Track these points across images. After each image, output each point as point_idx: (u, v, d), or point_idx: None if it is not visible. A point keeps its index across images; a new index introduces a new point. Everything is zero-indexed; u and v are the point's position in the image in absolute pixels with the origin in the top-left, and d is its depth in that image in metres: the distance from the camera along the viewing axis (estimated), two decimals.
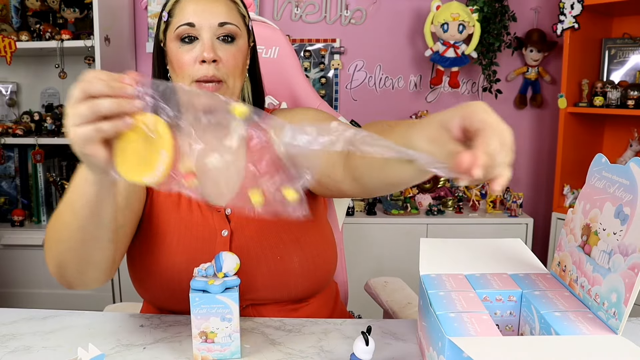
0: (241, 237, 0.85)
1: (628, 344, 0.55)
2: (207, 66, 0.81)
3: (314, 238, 0.89)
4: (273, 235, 0.85)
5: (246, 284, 0.82)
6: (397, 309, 1.05)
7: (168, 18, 0.85)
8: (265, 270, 0.84)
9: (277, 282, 0.85)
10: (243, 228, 0.85)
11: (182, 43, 0.83)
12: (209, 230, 0.85)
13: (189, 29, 0.82)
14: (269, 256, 0.84)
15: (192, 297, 0.68)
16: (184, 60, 0.82)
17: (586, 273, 0.65)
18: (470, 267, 0.75)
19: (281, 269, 0.84)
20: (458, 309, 0.62)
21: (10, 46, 2.07)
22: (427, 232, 2.19)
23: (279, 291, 0.85)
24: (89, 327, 0.81)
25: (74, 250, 0.72)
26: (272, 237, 0.85)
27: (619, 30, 2.25)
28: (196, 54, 0.81)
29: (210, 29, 0.82)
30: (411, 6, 2.40)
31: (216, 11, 0.82)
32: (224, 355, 0.70)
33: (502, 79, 2.42)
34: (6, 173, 2.32)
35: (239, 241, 0.84)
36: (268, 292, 0.85)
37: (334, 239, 0.96)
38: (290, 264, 0.85)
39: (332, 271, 0.93)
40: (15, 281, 2.26)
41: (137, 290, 0.90)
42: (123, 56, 2.34)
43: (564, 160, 2.19)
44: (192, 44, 0.82)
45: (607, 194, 0.64)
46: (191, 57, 0.82)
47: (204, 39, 0.82)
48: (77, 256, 0.72)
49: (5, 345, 0.75)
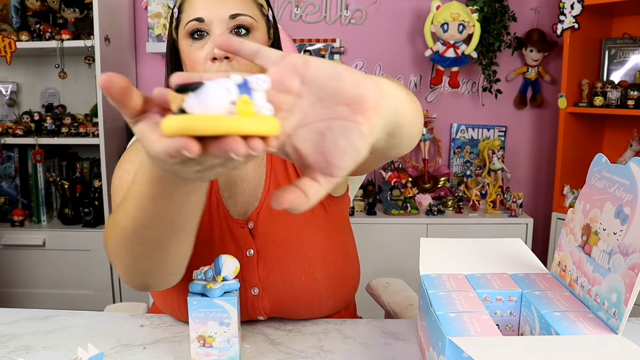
0: (266, 256, 0.82)
1: (628, 344, 0.55)
2: (220, 64, 0.74)
3: (338, 256, 0.86)
4: (298, 253, 0.82)
5: (272, 301, 0.81)
6: (398, 310, 1.05)
7: (178, 14, 0.80)
8: (290, 290, 0.81)
9: (302, 302, 0.82)
10: (268, 246, 0.82)
11: (192, 40, 0.77)
12: (233, 251, 0.81)
13: (199, 24, 0.76)
14: (294, 275, 0.81)
15: (190, 301, 0.67)
16: (195, 58, 0.76)
17: (586, 273, 0.65)
18: (471, 267, 0.75)
19: (307, 288, 0.82)
20: (458, 309, 0.62)
21: (10, 46, 2.07)
22: (427, 232, 2.19)
23: (304, 310, 0.83)
24: (88, 327, 0.81)
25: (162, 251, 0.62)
26: (297, 256, 0.82)
27: (619, 30, 2.25)
28: (207, 51, 0.76)
29: (221, 22, 0.75)
30: (411, 6, 2.40)
31: (227, 2, 0.76)
32: None
33: (502, 79, 2.42)
34: (6, 173, 2.32)
35: (265, 261, 0.82)
36: (293, 311, 0.83)
37: (356, 252, 0.93)
38: (314, 283, 0.82)
39: (355, 288, 0.91)
40: (15, 281, 2.25)
41: (155, 298, 0.87)
42: (123, 56, 2.34)
43: (564, 160, 2.19)
44: (202, 40, 0.76)
45: (607, 194, 0.64)
46: (202, 55, 0.76)
47: (214, 34, 0.76)
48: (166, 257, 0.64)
49: (5, 345, 0.75)
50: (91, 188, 2.31)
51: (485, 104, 2.48)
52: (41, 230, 2.24)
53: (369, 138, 0.40)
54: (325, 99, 0.40)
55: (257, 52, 0.42)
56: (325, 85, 0.39)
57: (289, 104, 0.41)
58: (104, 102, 2.13)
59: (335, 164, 0.40)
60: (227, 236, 0.82)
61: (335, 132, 0.39)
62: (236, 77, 0.37)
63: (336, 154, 0.39)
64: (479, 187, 2.35)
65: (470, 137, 2.50)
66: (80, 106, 2.44)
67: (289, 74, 0.40)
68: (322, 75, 0.39)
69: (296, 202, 0.39)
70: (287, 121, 0.41)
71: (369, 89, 0.39)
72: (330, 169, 0.40)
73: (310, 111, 0.40)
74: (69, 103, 2.45)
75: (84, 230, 2.22)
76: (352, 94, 0.39)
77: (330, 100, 0.39)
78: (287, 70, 0.40)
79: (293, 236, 0.82)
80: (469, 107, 2.49)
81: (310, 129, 0.40)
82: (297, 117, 0.41)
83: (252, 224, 0.82)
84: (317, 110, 0.40)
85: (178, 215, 0.54)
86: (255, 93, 0.37)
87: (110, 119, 2.21)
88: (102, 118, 2.13)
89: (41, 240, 2.21)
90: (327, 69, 0.39)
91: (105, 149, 2.16)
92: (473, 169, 2.43)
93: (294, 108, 0.41)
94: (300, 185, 0.40)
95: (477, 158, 2.48)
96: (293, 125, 0.41)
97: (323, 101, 0.40)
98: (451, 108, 2.48)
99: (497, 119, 2.49)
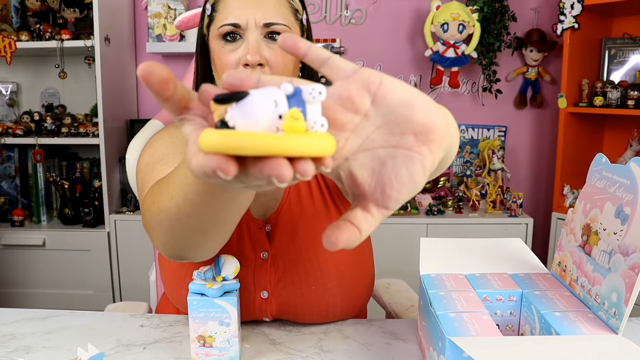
0: (279, 261, 0.81)
1: (628, 344, 0.55)
2: (252, 69, 0.73)
3: (352, 267, 0.84)
4: (311, 262, 0.81)
5: (280, 305, 0.81)
6: (399, 311, 1.05)
7: (212, 12, 0.78)
8: (299, 297, 0.81)
9: (310, 309, 0.82)
10: (282, 250, 0.81)
11: (225, 42, 0.75)
12: (248, 251, 0.81)
13: (233, 29, 0.74)
14: (304, 283, 0.81)
15: (189, 300, 0.67)
16: (227, 61, 0.75)
17: (586, 273, 0.65)
18: (471, 267, 0.75)
19: (316, 297, 0.81)
20: (458, 309, 0.62)
21: (10, 46, 2.07)
22: (427, 232, 2.19)
23: (311, 317, 0.82)
24: (89, 327, 0.81)
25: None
26: (309, 264, 0.81)
27: (619, 30, 2.25)
28: (239, 55, 0.74)
29: (256, 28, 0.74)
30: (411, 6, 2.40)
31: (263, 8, 0.74)
32: None
33: (502, 79, 2.42)
34: (6, 173, 2.32)
35: (277, 265, 0.81)
36: (299, 316, 0.82)
37: (372, 262, 0.91)
38: (324, 293, 0.81)
39: (367, 299, 0.90)
40: (15, 281, 2.26)
41: (166, 287, 0.87)
42: (123, 56, 2.34)
43: (564, 160, 2.19)
44: (235, 42, 0.75)
45: (608, 194, 0.64)
46: (234, 59, 0.75)
47: (248, 39, 0.74)
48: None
49: (5, 345, 0.75)
50: (91, 188, 2.31)
51: (485, 104, 2.48)
52: (41, 230, 2.24)
53: (428, 171, 0.37)
54: (393, 125, 0.36)
55: (326, 61, 0.38)
56: (397, 109, 0.36)
57: (353, 124, 0.37)
58: (103, 102, 2.13)
59: (392, 196, 0.37)
60: (245, 235, 0.81)
61: (397, 162, 0.36)
62: (287, 87, 0.33)
63: (395, 185, 0.37)
64: (479, 187, 2.35)
65: (470, 137, 2.50)
66: (80, 106, 2.44)
67: (361, 90, 0.36)
68: (396, 99, 0.36)
69: (351, 240, 0.36)
70: (349, 143, 0.37)
71: (438, 120, 0.36)
72: (385, 200, 0.37)
73: (375, 135, 0.37)
74: (69, 103, 2.45)
75: (84, 230, 2.22)
76: (422, 124, 0.36)
77: (399, 126, 0.36)
78: (360, 86, 0.36)
79: (308, 244, 0.81)
80: (469, 107, 2.49)
81: (371, 155, 0.37)
82: (359, 140, 0.37)
83: (270, 226, 0.82)
84: (382, 135, 0.37)
85: (224, 212, 0.53)
86: (309, 106, 0.33)
87: (110, 119, 2.21)
88: (102, 118, 2.13)
89: (41, 240, 2.21)
90: (401, 92, 0.36)
91: (105, 149, 2.16)
92: (473, 169, 2.43)
93: (358, 129, 0.37)
94: (352, 219, 0.37)
95: (477, 158, 2.48)
96: (354, 149, 0.37)
97: (390, 126, 0.36)
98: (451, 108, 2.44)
99: (497, 119, 2.49)
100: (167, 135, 0.80)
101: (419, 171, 0.36)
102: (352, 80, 0.37)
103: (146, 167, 0.76)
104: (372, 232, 0.38)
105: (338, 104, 0.37)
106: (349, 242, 0.36)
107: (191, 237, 0.59)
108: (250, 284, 0.80)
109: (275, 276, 0.81)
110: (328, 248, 0.36)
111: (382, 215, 0.38)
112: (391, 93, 0.36)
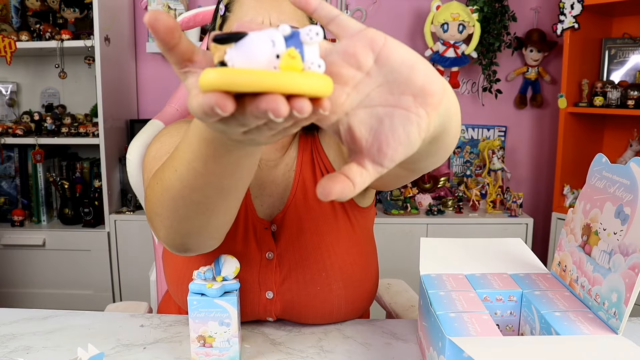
0: (284, 261, 0.81)
1: (629, 344, 0.55)
2: None
3: (357, 268, 0.84)
4: (316, 262, 0.81)
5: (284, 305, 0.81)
6: (400, 311, 1.05)
7: (225, 12, 0.77)
8: (303, 297, 0.81)
9: (315, 310, 0.82)
10: (288, 251, 0.81)
11: None
12: (254, 251, 0.81)
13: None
14: (309, 283, 0.81)
15: (190, 300, 0.67)
16: None
17: (586, 273, 0.65)
18: (471, 267, 0.75)
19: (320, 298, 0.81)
20: (458, 309, 0.62)
21: (11, 46, 2.07)
22: (427, 232, 2.19)
23: (315, 317, 0.83)
24: (89, 327, 0.81)
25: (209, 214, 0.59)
26: (315, 265, 0.81)
27: (619, 30, 2.26)
28: None
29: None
30: (411, 6, 2.40)
31: (278, 9, 0.74)
32: None
33: (502, 79, 2.42)
34: (6, 173, 2.33)
35: (282, 266, 0.81)
36: (303, 316, 0.82)
37: (376, 264, 0.91)
38: (329, 294, 0.81)
39: (371, 300, 0.90)
40: (15, 281, 2.26)
41: (170, 287, 0.87)
42: (123, 56, 2.35)
43: (564, 160, 2.19)
44: None
45: (608, 194, 0.64)
46: None
47: None
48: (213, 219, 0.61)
49: (5, 345, 0.75)
50: (91, 188, 2.32)
51: (485, 104, 2.48)
52: (41, 230, 2.24)
53: (424, 133, 0.38)
54: (393, 84, 0.37)
55: (335, 18, 0.39)
56: (398, 69, 0.37)
57: (356, 81, 0.38)
58: (103, 102, 2.13)
59: (388, 153, 0.38)
60: (251, 235, 0.81)
61: (394, 120, 0.38)
62: (285, 28, 0.34)
63: (391, 143, 0.38)
64: (479, 187, 2.35)
65: (470, 137, 2.51)
66: (80, 106, 2.44)
67: (365, 49, 0.37)
68: (398, 59, 0.37)
69: (345, 192, 0.37)
70: (350, 98, 0.38)
71: (436, 84, 0.38)
72: (381, 157, 0.38)
73: (375, 93, 0.38)
74: (68, 103, 2.45)
75: (84, 230, 2.22)
76: (420, 86, 0.37)
77: (398, 87, 0.37)
78: (365, 44, 0.37)
79: (314, 244, 0.81)
80: (469, 107, 2.49)
81: (370, 112, 0.38)
82: (360, 97, 0.38)
83: (276, 226, 0.82)
84: (382, 94, 0.38)
85: (228, 180, 0.53)
86: (306, 47, 0.34)
87: (110, 119, 2.21)
88: (102, 118, 2.13)
89: (41, 240, 2.21)
90: (403, 54, 0.37)
91: (105, 149, 2.16)
92: (473, 169, 2.43)
93: (359, 86, 0.38)
94: (347, 172, 0.38)
95: (477, 158, 2.48)
96: (354, 104, 0.38)
97: (390, 86, 0.38)
98: None
99: (497, 119, 2.50)
100: (176, 130, 0.80)
101: (414, 131, 0.38)
102: (357, 39, 0.37)
103: (153, 160, 0.75)
104: (365, 185, 0.39)
105: (342, 60, 0.37)
106: (342, 193, 0.37)
107: (194, 216, 0.58)
108: (255, 284, 0.80)
109: (281, 276, 0.81)
110: (321, 198, 0.37)
111: (376, 172, 0.39)
112: (394, 54, 0.37)
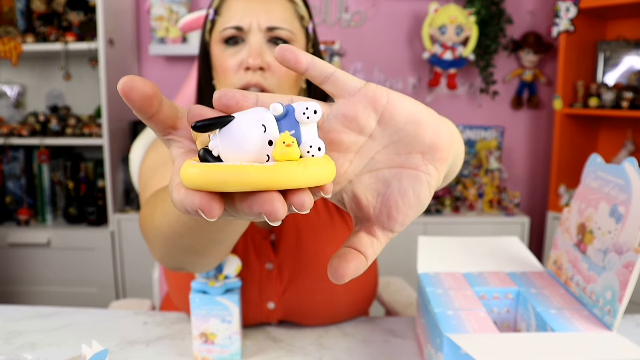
0: (285, 272, 0.80)
1: (623, 341, 0.56)
2: (253, 73, 0.72)
3: None
4: (317, 270, 0.80)
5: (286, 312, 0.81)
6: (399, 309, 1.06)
7: (214, 16, 0.76)
8: (304, 305, 0.81)
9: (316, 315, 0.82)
10: (287, 261, 0.80)
11: (226, 45, 0.74)
12: (253, 262, 0.80)
13: (236, 32, 0.73)
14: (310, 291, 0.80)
15: (192, 298, 0.68)
16: (227, 65, 0.73)
17: (582, 271, 0.66)
18: (468, 266, 0.76)
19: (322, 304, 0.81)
20: (456, 307, 0.63)
21: (16, 48, 2.08)
22: (425, 231, 2.20)
23: (315, 321, 0.83)
24: (93, 324, 0.82)
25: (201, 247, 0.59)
26: (315, 273, 0.80)
27: (613, 33, 2.27)
28: (241, 58, 0.72)
29: (259, 31, 0.72)
30: (409, 9, 2.41)
31: (267, 11, 0.73)
32: (224, 356, 0.70)
33: (499, 81, 2.43)
34: (12, 173, 2.34)
35: (283, 276, 0.80)
36: (304, 320, 0.82)
37: (376, 267, 0.91)
38: (331, 300, 0.81)
39: (370, 303, 0.90)
40: (21, 279, 2.27)
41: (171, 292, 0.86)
42: (126, 58, 2.35)
43: (560, 160, 2.20)
44: (237, 46, 0.73)
45: (602, 194, 0.65)
46: (235, 62, 0.73)
47: (250, 42, 0.72)
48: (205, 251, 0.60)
49: (11, 341, 0.76)
50: (95, 188, 2.33)
51: (482, 105, 2.49)
52: (46, 229, 2.25)
53: (434, 190, 0.35)
54: (399, 144, 0.34)
55: (330, 77, 0.34)
56: (404, 128, 0.33)
57: (358, 146, 0.34)
58: (107, 104, 2.14)
59: (398, 219, 0.34)
60: (250, 245, 0.80)
61: (403, 182, 0.34)
62: (276, 107, 0.29)
63: (401, 207, 0.34)
64: (476, 186, 2.36)
65: (467, 138, 2.52)
66: (85, 107, 2.45)
67: (367, 110, 0.33)
68: (403, 117, 0.33)
69: (359, 269, 0.33)
70: (353, 165, 0.34)
71: (445, 136, 0.34)
72: (391, 224, 0.34)
73: (380, 156, 0.34)
74: (73, 104, 2.46)
75: (88, 229, 2.23)
76: (428, 143, 0.33)
77: (405, 146, 0.33)
78: (366, 105, 0.33)
79: (313, 252, 0.81)
80: (467, 108, 2.50)
81: (375, 176, 0.34)
82: (364, 161, 0.34)
83: (274, 235, 0.81)
84: (388, 155, 0.34)
85: (219, 234, 0.50)
86: (303, 127, 0.30)
87: (114, 120, 2.22)
88: (106, 119, 2.14)
89: (46, 239, 2.22)
90: (408, 108, 0.33)
91: (109, 150, 2.17)
92: (470, 169, 2.45)
93: (363, 150, 0.34)
94: (358, 245, 0.34)
95: (475, 158, 2.50)
96: (357, 170, 0.35)
97: (396, 146, 0.34)
98: (449, 109, 2.49)
99: (494, 120, 2.51)
100: None
101: (425, 191, 0.34)
102: (357, 99, 0.33)
103: (148, 170, 0.75)
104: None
105: (342, 125, 0.33)
106: (357, 272, 0.33)
107: (185, 256, 0.57)
108: (256, 296, 0.80)
109: (282, 287, 0.80)
110: (334, 281, 0.33)
111: (387, 239, 0.35)
112: (398, 111, 0.33)
